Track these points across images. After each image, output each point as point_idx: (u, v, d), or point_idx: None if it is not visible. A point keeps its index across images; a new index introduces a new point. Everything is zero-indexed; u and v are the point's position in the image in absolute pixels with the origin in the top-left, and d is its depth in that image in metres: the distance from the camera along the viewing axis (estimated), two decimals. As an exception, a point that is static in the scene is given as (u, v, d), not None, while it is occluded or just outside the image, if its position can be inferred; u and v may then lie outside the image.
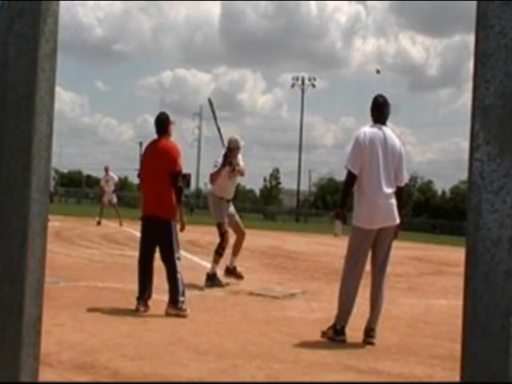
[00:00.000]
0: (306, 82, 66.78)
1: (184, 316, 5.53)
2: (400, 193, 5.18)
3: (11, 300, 0.99)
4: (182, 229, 6.13)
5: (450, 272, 12.34)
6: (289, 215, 67.47)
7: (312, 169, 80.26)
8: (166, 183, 5.86)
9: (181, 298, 5.66)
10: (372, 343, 4.84)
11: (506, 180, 0.91)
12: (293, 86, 67.43)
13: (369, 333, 4.90)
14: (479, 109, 0.93)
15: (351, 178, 5.04)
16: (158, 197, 5.85)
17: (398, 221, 5.11)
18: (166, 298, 6.20)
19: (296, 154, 65.91)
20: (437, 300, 7.96)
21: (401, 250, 18.59)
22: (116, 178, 19.99)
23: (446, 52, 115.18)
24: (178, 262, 5.89)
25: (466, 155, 0.95)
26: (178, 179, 5.94)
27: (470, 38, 0.95)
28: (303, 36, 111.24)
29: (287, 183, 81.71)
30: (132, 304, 5.74)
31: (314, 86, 67.40)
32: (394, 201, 5.07)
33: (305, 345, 4.70)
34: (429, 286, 9.74)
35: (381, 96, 5.30)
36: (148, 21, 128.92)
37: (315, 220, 58.74)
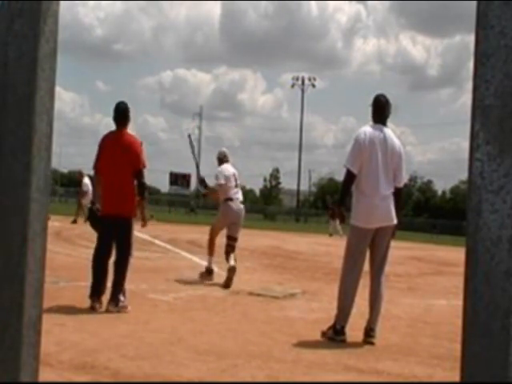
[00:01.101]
0: (306, 82, 66.91)
1: (126, 312, 5.51)
2: (399, 193, 5.19)
3: (11, 300, 0.99)
4: (143, 225, 6.03)
5: (450, 272, 12.34)
6: (289, 215, 67.48)
7: (312, 169, 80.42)
8: (129, 180, 5.73)
9: (122, 298, 5.63)
10: (372, 343, 4.84)
11: (506, 180, 0.91)
12: (293, 86, 67.59)
13: (369, 333, 4.90)
14: (479, 109, 0.93)
15: (350, 177, 5.06)
16: (120, 195, 5.70)
17: (395, 221, 5.12)
18: (166, 297, 6.22)
19: (296, 154, 65.96)
20: (437, 300, 7.96)
21: (401, 250, 18.60)
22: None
23: (446, 52, 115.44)
24: (130, 262, 5.82)
25: (466, 155, 0.95)
26: (142, 175, 5.80)
27: (471, 38, 0.95)
28: (303, 36, 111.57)
29: (287, 183, 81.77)
30: (132, 304, 5.74)
31: (313, 86, 67.54)
32: (391, 201, 5.08)
33: (305, 345, 4.71)
34: (429, 286, 9.74)
35: (382, 96, 5.29)
36: (148, 21, 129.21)
37: (315, 220, 58.73)
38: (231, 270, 7.69)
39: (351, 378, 3.86)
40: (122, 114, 5.87)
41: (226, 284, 7.57)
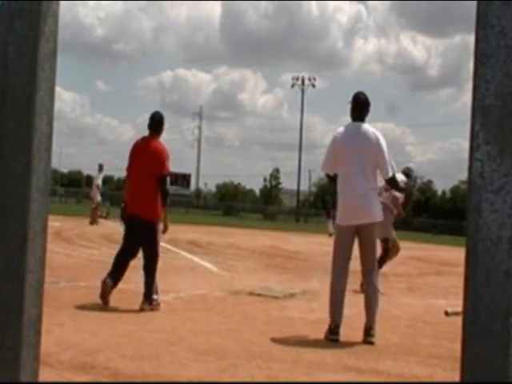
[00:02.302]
0: (306, 82, 66.91)
1: (158, 310, 5.75)
2: (390, 184, 5.26)
3: (11, 300, 0.99)
4: (164, 231, 6.14)
5: (450, 272, 12.34)
6: (289, 215, 67.47)
7: (312, 169, 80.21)
8: (152, 185, 5.91)
9: (155, 296, 5.83)
10: (371, 342, 4.84)
11: (506, 180, 0.91)
12: (293, 86, 67.58)
13: (368, 332, 4.90)
14: (479, 109, 0.93)
15: (329, 178, 5.33)
16: (145, 198, 5.91)
17: (377, 218, 5.12)
18: (166, 297, 6.21)
19: (296, 153, 65.96)
20: (437, 300, 7.96)
21: (401, 250, 18.60)
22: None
23: (446, 52, 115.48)
24: (156, 265, 6.00)
25: (466, 155, 0.95)
26: (165, 182, 6.02)
27: (471, 39, 0.95)
28: (304, 36, 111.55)
29: (287, 183, 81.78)
30: (132, 304, 5.74)
31: (313, 86, 67.55)
32: (372, 198, 5.10)
33: (305, 345, 4.71)
34: (429, 286, 9.74)
35: (362, 93, 5.33)
36: (149, 21, 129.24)
37: (315, 220, 58.72)
38: None
39: (351, 378, 3.86)
40: (156, 122, 6.15)
41: None
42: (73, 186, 70.20)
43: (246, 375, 3.74)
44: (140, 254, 6.03)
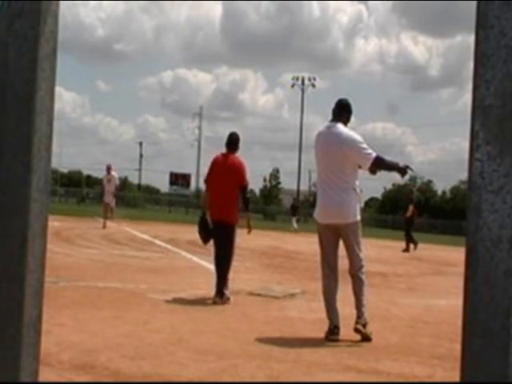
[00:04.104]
0: (306, 82, 66.90)
1: (229, 303, 6.45)
2: (378, 166, 5.21)
3: (11, 300, 0.99)
4: (249, 231, 7.30)
5: (450, 272, 12.34)
6: (289, 215, 67.35)
7: (312, 169, 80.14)
8: (233, 194, 6.79)
9: (226, 291, 6.59)
10: (358, 330, 4.89)
11: (506, 180, 0.91)
12: (293, 86, 67.55)
13: (356, 320, 4.97)
14: (479, 109, 0.93)
15: None
16: (226, 205, 6.74)
17: (350, 219, 5.09)
18: (166, 297, 6.22)
19: (296, 154, 65.97)
20: (437, 300, 7.96)
21: (401, 250, 18.58)
22: (117, 180, 19.67)
23: (447, 52, 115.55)
24: (232, 262, 6.83)
25: (466, 155, 0.95)
26: (247, 191, 7.03)
27: (472, 39, 0.95)
28: (304, 36, 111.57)
29: (287, 183, 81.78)
30: (132, 304, 5.75)
31: (313, 86, 67.52)
32: (344, 198, 5.06)
33: (305, 345, 4.70)
34: (429, 286, 9.74)
35: (344, 99, 5.45)
36: (149, 21, 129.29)
37: (315, 220, 58.60)
38: None
39: (351, 378, 3.86)
40: (233, 142, 7.05)
41: None
42: (73, 186, 70.21)
43: (246, 375, 3.74)
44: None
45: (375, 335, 4.98)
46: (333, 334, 4.93)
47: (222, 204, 6.76)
